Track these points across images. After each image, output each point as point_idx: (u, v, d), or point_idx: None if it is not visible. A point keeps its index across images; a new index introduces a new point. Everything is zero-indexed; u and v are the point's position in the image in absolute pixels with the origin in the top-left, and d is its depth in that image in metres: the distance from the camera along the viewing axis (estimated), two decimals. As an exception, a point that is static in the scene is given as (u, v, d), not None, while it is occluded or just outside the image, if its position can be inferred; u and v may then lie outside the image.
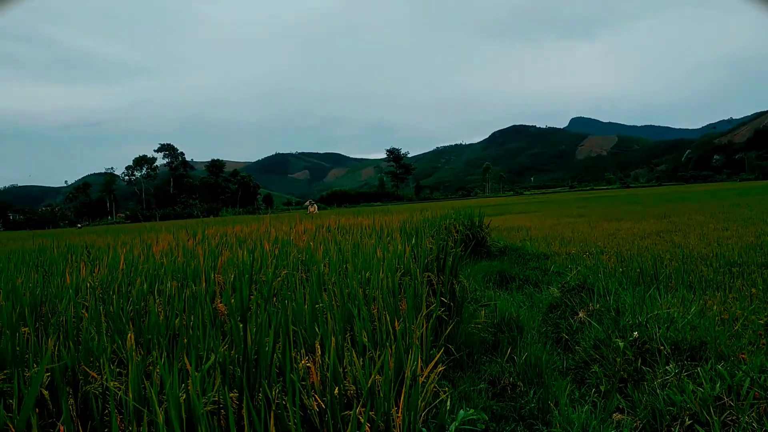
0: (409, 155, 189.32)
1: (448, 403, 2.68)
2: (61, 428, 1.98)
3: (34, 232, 34.93)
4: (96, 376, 2.29)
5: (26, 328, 3.14)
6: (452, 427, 2.45)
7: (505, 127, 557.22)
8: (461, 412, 2.57)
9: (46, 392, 2.39)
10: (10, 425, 1.38)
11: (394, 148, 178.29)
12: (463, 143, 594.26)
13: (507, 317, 5.93)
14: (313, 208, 34.86)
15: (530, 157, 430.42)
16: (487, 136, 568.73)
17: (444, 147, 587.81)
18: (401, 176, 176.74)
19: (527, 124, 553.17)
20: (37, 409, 2.09)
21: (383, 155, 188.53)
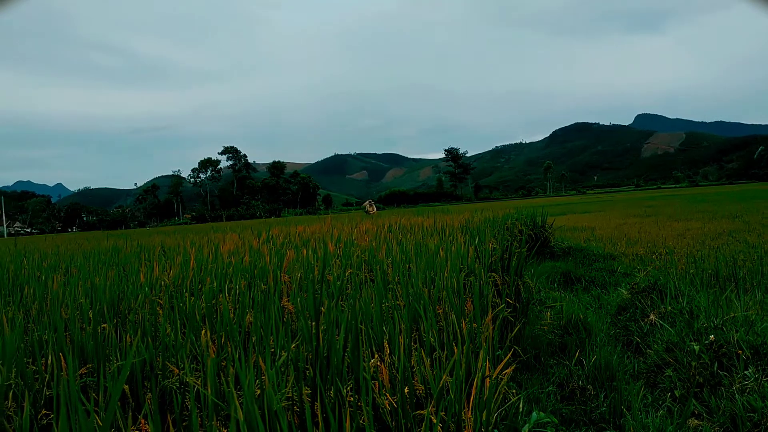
0: (467, 155, 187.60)
1: (521, 405, 2.64)
2: (142, 421, 2.06)
3: (107, 233, 36.45)
4: (177, 371, 2.37)
5: (105, 325, 3.27)
6: (525, 429, 2.41)
7: (566, 124, 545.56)
8: (534, 414, 2.53)
9: (126, 386, 2.48)
10: (97, 418, 1.43)
11: (452, 148, 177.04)
12: (524, 142, 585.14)
13: (574, 319, 5.80)
14: (372, 209, 35.00)
15: (593, 155, 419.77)
16: (548, 135, 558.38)
17: (503, 146, 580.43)
18: (460, 176, 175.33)
19: (590, 121, 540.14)
20: (118, 402, 2.17)
21: (441, 155, 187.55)
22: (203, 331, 2.97)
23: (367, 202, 42.37)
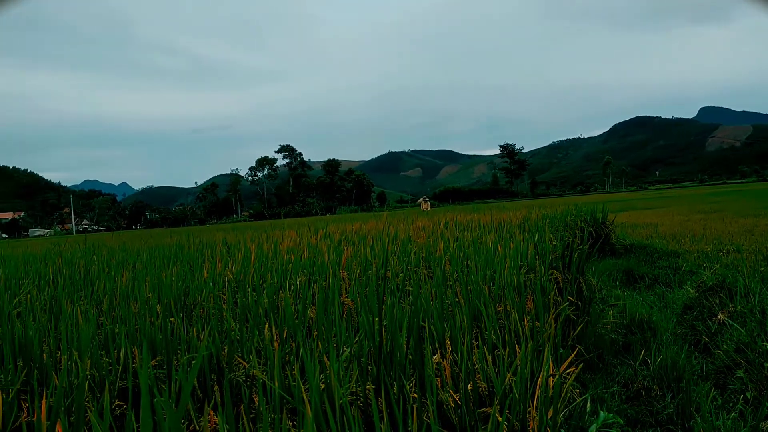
0: (523, 150, 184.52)
1: (588, 405, 2.58)
2: (211, 413, 2.11)
3: (170, 230, 37.64)
4: (246, 364, 2.42)
5: (173, 318, 3.37)
6: (593, 429, 2.36)
7: (627, 118, 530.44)
8: (602, 414, 2.47)
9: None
10: (160, 411, 1.47)
11: (508, 144, 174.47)
12: (582, 136, 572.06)
13: (638, 318, 5.66)
14: (427, 205, 34.93)
15: (655, 150, 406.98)
16: (607, 129, 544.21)
17: (561, 141, 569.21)
18: (516, 172, 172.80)
19: (651, 115, 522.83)
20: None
21: (496, 151, 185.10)
22: (266, 326, 3.02)
23: (422, 198, 42.36)
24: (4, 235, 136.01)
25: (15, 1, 3.13)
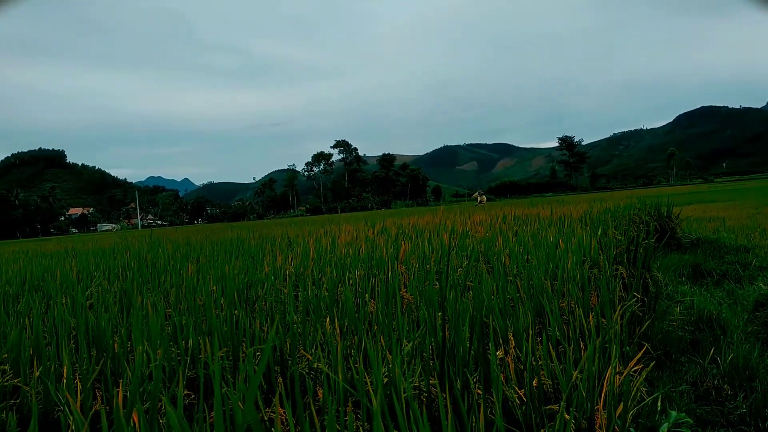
0: (583, 143, 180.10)
1: (659, 404, 2.50)
2: (277, 404, 2.14)
3: (230, 224, 38.60)
4: (310, 356, 2.45)
5: (237, 311, 3.44)
6: (663, 428, 2.28)
7: (691, 108, 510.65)
8: (673, 413, 2.39)
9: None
10: (236, 404, 1.49)
11: (566, 136, 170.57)
12: (644, 128, 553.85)
13: (706, 315, 5.45)
14: (482, 199, 34.56)
15: (721, 141, 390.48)
16: (671, 120, 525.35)
17: (622, 133, 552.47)
18: (575, 165, 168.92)
19: (717, 104, 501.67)
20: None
21: (554, 144, 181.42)
22: (327, 320, 3.05)
23: (477, 192, 41.97)
24: (74, 229, 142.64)
25: (15, 1, 3.17)
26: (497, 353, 2.33)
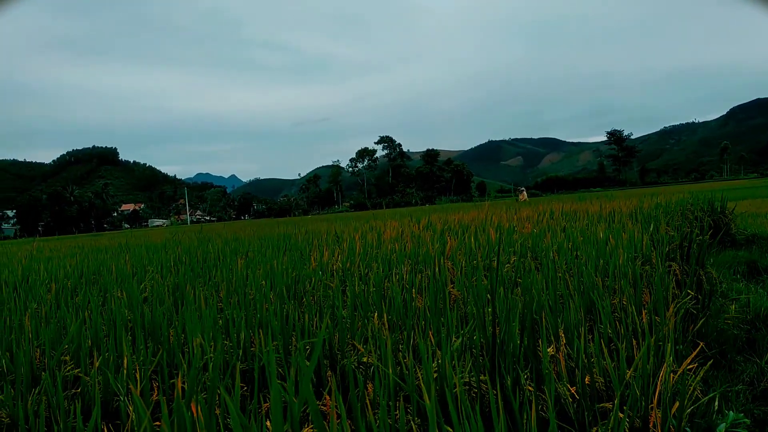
0: (632, 137, 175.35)
1: (715, 403, 2.44)
2: (327, 397, 2.17)
3: (277, 220, 39.14)
4: (362, 349, 2.47)
5: (286, 305, 3.49)
6: (721, 428, 2.22)
7: (746, 101, 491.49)
8: (731, 413, 2.32)
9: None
10: (292, 396, 1.52)
11: (615, 130, 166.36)
12: (696, 121, 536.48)
13: (763, 313, 5.26)
14: (523, 196, 34.07)
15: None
16: (724, 113, 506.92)
17: (673, 126, 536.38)
18: (623, 159, 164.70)
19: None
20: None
21: (602, 138, 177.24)
22: (375, 314, 3.07)
23: (519, 188, 41.45)
24: (126, 225, 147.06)
25: (15, 1, 3.20)
26: (549, 350, 2.30)
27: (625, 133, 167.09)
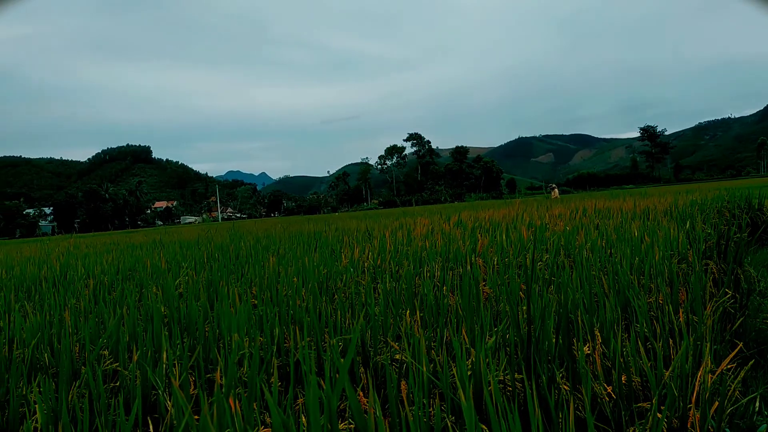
0: (666, 133, 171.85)
1: (756, 404, 2.39)
2: (360, 394, 2.18)
3: (307, 217, 39.41)
4: (397, 347, 2.48)
5: (317, 302, 3.51)
6: (762, 428, 2.18)
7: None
8: (774, 416, 2.27)
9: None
10: (329, 389, 1.53)
11: (648, 126, 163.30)
12: (732, 116, 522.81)
13: (804, 313, 5.13)
14: (555, 193, 33.64)
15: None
16: (761, 107, 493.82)
17: (708, 122, 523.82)
18: (657, 156, 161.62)
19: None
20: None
21: (635, 134, 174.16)
22: (407, 312, 3.07)
23: (550, 185, 40.97)
24: (159, 222, 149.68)
25: (15, 1, 3.22)
26: (584, 348, 2.28)
27: (659, 128, 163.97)
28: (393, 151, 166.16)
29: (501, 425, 1.51)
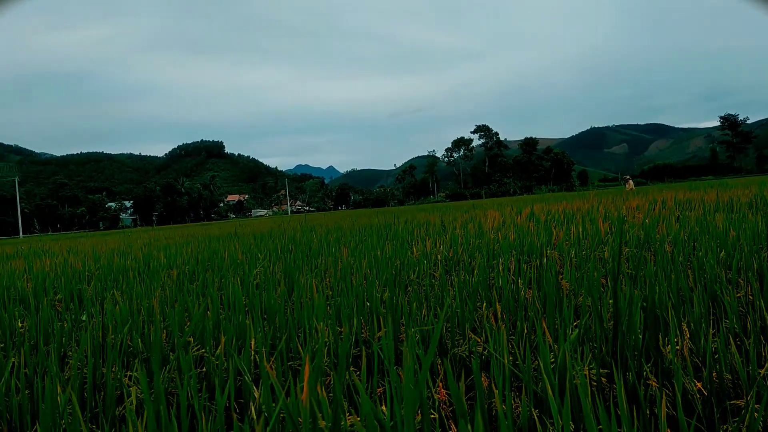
0: (748, 121, 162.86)
1: None
2: (440, 385, 2.18)
3: (375, 210, 39.78)
4: (480, 339, 2.47)
5: (393, 294, 3.53)
6: None
7: None
8: None
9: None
10: (411, 383, 1.54)
11: (729, 114, 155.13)
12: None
13: None
14: (630, 185, 32.54)
15: None
16: None
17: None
18: (738, 146, 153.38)
19: None
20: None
21: (715, 123, 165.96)
22: (483, 304, 3.05)
23: (625, 177, 39.72)
24: (232, 215, 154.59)
25: (15, 1, 3.26)
26: (672, 344, 2.21)
27: (741, 117, 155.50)
28: (460, 143, 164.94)
29: (590, 419, 1.48)
